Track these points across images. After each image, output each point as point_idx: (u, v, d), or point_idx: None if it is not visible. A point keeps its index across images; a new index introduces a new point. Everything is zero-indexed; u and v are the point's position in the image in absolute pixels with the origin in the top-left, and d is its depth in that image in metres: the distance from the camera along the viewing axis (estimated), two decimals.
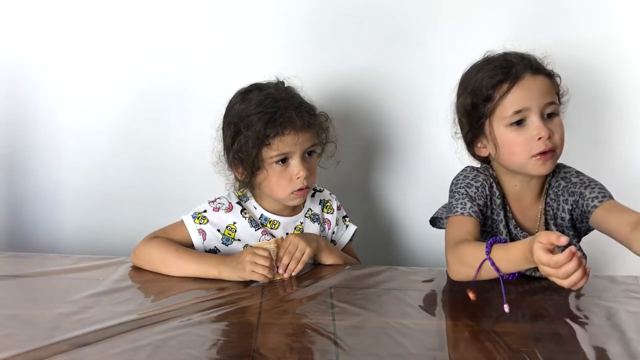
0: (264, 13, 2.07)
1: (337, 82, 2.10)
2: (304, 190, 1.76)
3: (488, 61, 1.72)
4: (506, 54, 1.71)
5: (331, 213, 1.90)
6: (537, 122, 1.64)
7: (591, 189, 1.68)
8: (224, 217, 1.79)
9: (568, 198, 1.71)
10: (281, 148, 1.72)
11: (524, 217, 1.75)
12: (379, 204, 2.23)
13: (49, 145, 2.14)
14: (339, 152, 1.88)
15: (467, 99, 1.71)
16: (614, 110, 2.15)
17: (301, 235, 1.77)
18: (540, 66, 1.69)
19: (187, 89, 2.11)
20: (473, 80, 1.71)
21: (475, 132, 1.72)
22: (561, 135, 1.67)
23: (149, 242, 1.74)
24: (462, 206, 1.67)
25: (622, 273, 1.79)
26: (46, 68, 2.09)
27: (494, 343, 1.43)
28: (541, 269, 1.39)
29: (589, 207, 1.66)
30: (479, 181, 1.71)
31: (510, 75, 1.65)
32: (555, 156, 1.67)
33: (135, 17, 2.07)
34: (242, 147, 1.72)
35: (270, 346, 1.41)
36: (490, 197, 1.73)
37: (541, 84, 1.66)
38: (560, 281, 1.36)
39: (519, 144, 1.66)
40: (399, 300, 1.63)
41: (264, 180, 1.75)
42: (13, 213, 2.19)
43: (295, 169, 1.73)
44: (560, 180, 1.75)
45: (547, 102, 1.65)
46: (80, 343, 1.38)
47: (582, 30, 2.08)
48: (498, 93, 1.66)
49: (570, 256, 1.34)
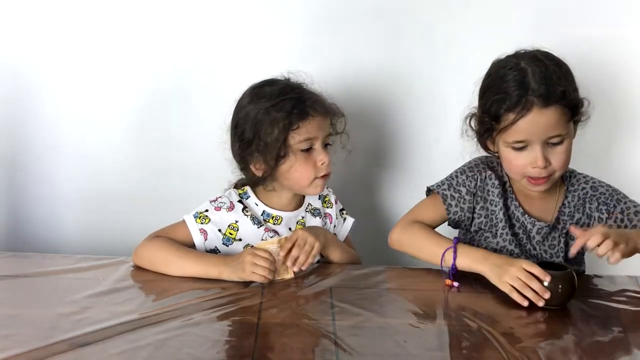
0: (271, 11, 2.07)
1: (346, 79, 2.09)
2: (326, 177, 1.79)
3: (505, 75, 1.68)
4: (527, 70, 1.66)
5: (330, 207, 1.91)
6: (536, 152, 1.66)
7: (624, 202, 1.75)
8: (226, 216, 1.79)
9: (599, 207, 1.76)
10: (310, 131, 1.75)
11: (533, 207, 1.78)
12: (382, 202, 2.23)
13: (49, 146, 2.14)
14: (345, 148, 1.89)
15: (479, 109, 1.75)
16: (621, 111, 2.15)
17: (309, 229, 1.78)
18: (556, 94, 1.63)
19: (188, 89, 2.11)
20: (488, 92, 1.71)
21: (484, 135, 1.75)
22: (563, 160, 1.69)
23: (151, 242, 1.74)
24: (444, 184, 1.81)
25: (622, 273, 1.79)
26: (47, 68, 2.09)
27: (494, 343, 1.43)
28: (508, 276, 1.59)
29: (632, 221, 1.72)
30: (471, 174, 1.79)
31: (520, 104, 1.64)
32: (551, 179, 1.71)
33: (139, 17, 2.07)
34: (268, 136, 1.74)
35: (270, 346, 1.41)
36: (484, 188, 1.78)
37: (549, 118, 1.64)
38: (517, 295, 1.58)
39: (516, 165, 1.70)
40: (399, 300, 1.64)
41: (289, 169, 1.76)
42: (13, 213, 2.19)
43: (320, 155, 1.77)
44: (584, 185, 1.78)
45: (551, 135, 1.66)
46: (80, 343, 1.38)
47: (595, 28, 2.08)
48: (504, 119, 1.66)
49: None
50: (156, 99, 2.12)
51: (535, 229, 1.76)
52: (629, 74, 2.12)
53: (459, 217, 1.80)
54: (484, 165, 1.81)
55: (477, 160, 1.83)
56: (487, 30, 2.06)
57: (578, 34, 2.06)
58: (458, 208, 1.79)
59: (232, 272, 1.66)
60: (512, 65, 1.69)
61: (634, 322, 1.54)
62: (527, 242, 1.78)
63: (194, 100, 2.12)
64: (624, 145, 2.18)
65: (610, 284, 1.73)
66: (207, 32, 2.08)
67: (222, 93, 1.89)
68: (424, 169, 2.15)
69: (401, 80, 2.12)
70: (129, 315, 1.49)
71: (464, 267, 1.69)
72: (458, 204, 1.79)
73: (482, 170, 1.80)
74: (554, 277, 1.56)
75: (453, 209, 1.80)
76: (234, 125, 1.81)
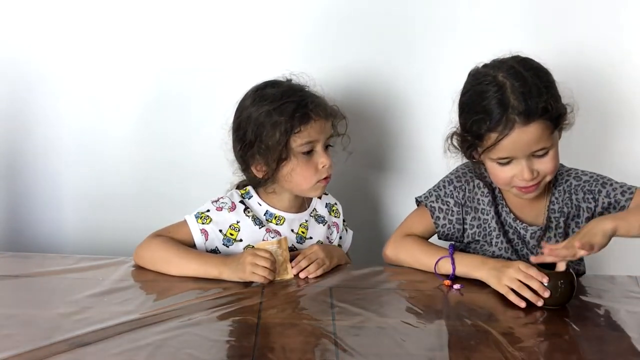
0: (273, 13, 2.07)
1: (346, 81, 2.09)
2: (327, 180, 1.79)
3: (484, 92, 1.64)
4: (505, 85, 1.62)
5: (338, 217, 1.92)
6: (522, 166, 1.65)
7: (609, 184, 1.75)
8: (227, 216, 1.80)
9: (585, 196, 1.75)
10: (311, 134, 1.74)
11: (523, 212, 1.78)
12: (381, 203, 2.23)
13: (49, 146, 2.14)
14: (347, 150, 1.89)
15: (460, 127, 1.72)
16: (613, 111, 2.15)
17: (325, 247, 1.79)
18: (538, 110, 1.60)
19: (189, 89, 2.11)
20: (467, 110, 1.69)
21: (467, 151, 1.73)
22: (552, 167, 1.68)
23: (152, 241, 1.75)
24: (432, 196, 1.81)
25: (622, 273, 1.79)
26: (47, 68, 2.09)
27: (493, 343, 1.43)
28: (506, 279, 1.60)
29: (620, 202, 1.72)
30: (459, 184, 1.79)
31: (501, 123, 1.61)
32: (541, 184, 1.70)
33: (140, 18, 2.06)
34: (269, 139, 1.73)
35: (270, 346, 1.41)
36: (473, 198, 1.78)
37: (532, 135, 1.62)
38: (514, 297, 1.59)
39: (502, 177, 1.69)
40: (399, 300, 1.64)
41: (290, 171, 1.76)
42: (13, 213, 2.19)
43: (321, 158, 1.76)
44: (567, 178, 1.78)
45: (535, 149, 1.64)
46: (80, 343, 1.38)
47: (588, 32, 2.08)
48: (487, 139, 1.65)
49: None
50: (157, 99, 2.12)
51: (528, 234, 1.76)
52: (620, 74, 2.12)
53: (448, 230, 1.80)
54: (471, 174, 1.80)
55: (465, 168, 1.82)
56: (488, 30, 2.06)
57: (570, 36, 2.07)
58: (446, 220, 1.79)
59: (232, 272, 1.66)
60: (490, 79, 1.65)
61: (634, 323, 1.54)
62: (522, 247, 1.78)
63: (195, 100, 2.12)
64: (621, 146, 2.18)
65: (610, 284, 1.73)
66: (209, 33, 2.08)
67: (224, 94, 1.89)
68: (425, 171, 2.15)
69: (402, 82, 2.12)
70: (129, 315, 1.49)
71: (461, 274, 1.70)
72: (446, 216, 1.79)
73: (469, 180, 1.80)
74: (553, 277, 1.56)
75: (441, 221, 1.80)
76: (235, 126, 1.81)
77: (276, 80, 1.82)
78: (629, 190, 1.73)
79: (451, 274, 1.70)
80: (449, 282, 1.69)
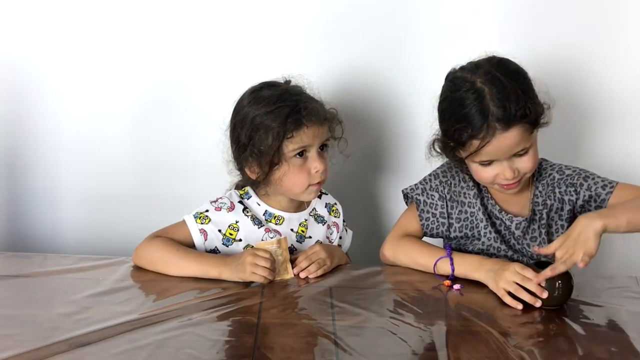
0: (271, 14, 2.06)
1: (344, 82, 2.09)
2: (320, 184, 1.79)
3: (463, 100, 1.67)
4: (484, 91, 1.64)
5: (338, 217, 1.92)
6: (503, 167, 1.68)
7: (591, 178, 1.76)
8: (226, 216, 1.79)
9: (567, 189, 1.77)
10: (304, 140, 1.73)
11: (509, 204, 1.80)
12: (381, 203, 2.23)
13: (49, 146, 2.14)
14: (344, 151, 1.89)
15: (441, 133, 1.74)
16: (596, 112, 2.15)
17: (326, 247, 1.79)
18: (517, 116, 1.63)
19: (188, 89, 2.11)
20: (448, 118, 1.70)
21: (450, 154, 1.75)
22: (531, 164, 1.70)
23: (151, 242, 1.74)
24: (417, 189, 1.83)
25: (622, 273, 1.79)
26: (47, 68, 2.09)
27: (493, 343, 1.43)
28: (503, 281, 1.61)
29: (600, 195, 1.73)
30: (444, 179, 1.82)
31: (482, 131, 1.63)
32: (522, 181, 1.73)
33: (139, 18, 2.06)
34: (262, 143, 1.73)
35: (270, 346, 1.41)
36: (459, 192, 1.80)
37: (512, 140, 1.64)
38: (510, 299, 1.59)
39: (485, 177, 1.72)
40: (399, 300, 1.64)
41: (282, 175, 1.75)
42: (13, 213, 2.19)
43: (314, 163, 1.75)
44: (551, 172, 1.80)
45: (516, 151, 1.67)
46: (80, 343, 1.38)
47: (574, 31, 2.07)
48: (468, 145, 1.67)
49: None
50: (156, 99, 2.12)
51: (513, 224, 1.78)
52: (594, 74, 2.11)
53: (432, 224, 1.81)
54: (457, 169, 1.82)
55: (451, 163, 1.83)
56: (488, 31, 2.06)
57: (560, 38, 2.06)
58: (430, 214, 1.81)
59: (232, 272, 1.67)
60: (469, 86, 1.67)
61: (634, 323, 1.54)
62: (510, 238, 1.80)
63: (194, 100, 2.12)
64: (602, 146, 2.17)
65: (610, 284, 1.73)
66: (208, 34, 2.08)
67: (222, 94, 1.89)
68: (425, 171, 2.13)
69: (401, 84, 2.11)
70: (129, 315, 1.49)
71: (460, 275, 1.70)
72: (430, 209, 1.81)
73: (455, 175, 1.82)
74: (550, 277, 1.56)
75: (425, 214, 1.81)
76: (232, 126, 1.81)
77: (274, 81, 1.81)
78: (609, 184, 1.74)
79: (451, 275, 1.70)
80: (449, 282, 1.69)
